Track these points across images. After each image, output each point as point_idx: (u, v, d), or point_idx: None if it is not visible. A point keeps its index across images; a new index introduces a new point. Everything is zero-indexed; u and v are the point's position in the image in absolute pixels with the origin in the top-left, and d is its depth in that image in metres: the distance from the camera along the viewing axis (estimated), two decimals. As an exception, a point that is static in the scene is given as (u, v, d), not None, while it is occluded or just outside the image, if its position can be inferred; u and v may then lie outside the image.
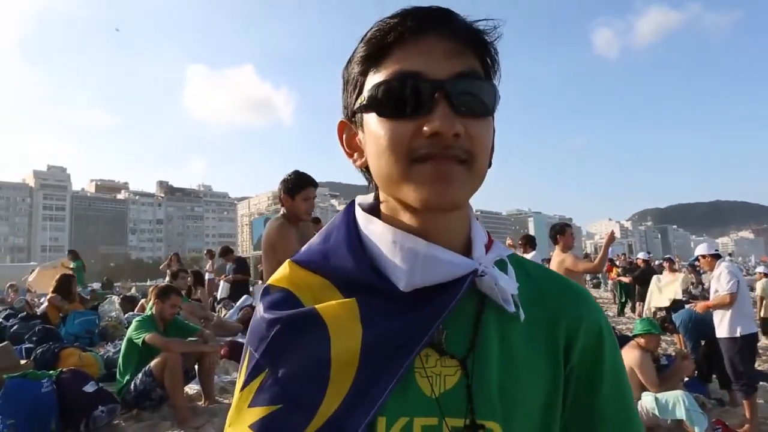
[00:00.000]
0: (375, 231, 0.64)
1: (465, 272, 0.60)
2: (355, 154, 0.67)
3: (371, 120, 0.60)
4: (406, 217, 0.62)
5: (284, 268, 0.69)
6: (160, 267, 13.27)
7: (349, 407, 0.56)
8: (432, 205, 0.58)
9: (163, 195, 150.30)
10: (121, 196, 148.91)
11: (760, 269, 10.17)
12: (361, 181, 0.70)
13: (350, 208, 0.70)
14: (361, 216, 0.67)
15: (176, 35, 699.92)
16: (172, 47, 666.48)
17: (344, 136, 0.68)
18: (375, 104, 0.59)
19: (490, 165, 0.64)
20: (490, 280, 0.61)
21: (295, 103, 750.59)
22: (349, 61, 0.64)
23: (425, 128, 0.56)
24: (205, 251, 14.34)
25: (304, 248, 0.70)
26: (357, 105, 0.62)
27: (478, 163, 0.59)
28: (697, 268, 10.61)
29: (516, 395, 0.59)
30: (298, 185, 3.39)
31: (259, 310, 0.66)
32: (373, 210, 0.67)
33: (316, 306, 0.62)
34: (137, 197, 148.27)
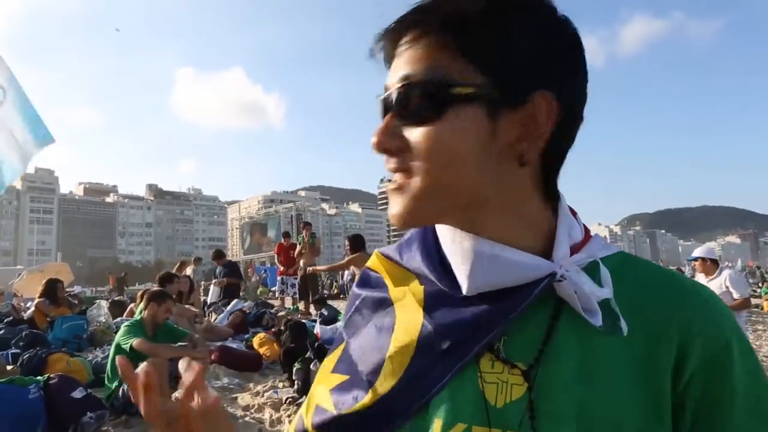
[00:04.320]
0: (440, 228, 0.62)
1: (539, 275, 0.54)
2: None
3: None
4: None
5: (374, 256, 0.72)
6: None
7: (400, 391, 0.58)
8: (393, 222, 0.58)
9: (152, 198, 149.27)
10: (109, 199, 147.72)
11: None
12: (352, 185, 0.70)
13: None
14: None
15: (166, 37, 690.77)
16: (162, 49, 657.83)
17: None
18: None
19: (549, 163, 0.56)
20: (569, 285, 0.53)
21: (286, 106, 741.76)
22: None
23: None
24: (194, 259, 14.23)
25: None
26: None
27: (418, 176, 0.53)
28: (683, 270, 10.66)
29: (598, 418, 0.51)
30: None
31: (356, 282, 0.73)
32: None
33: (390, 291, 0.66)
34: (126, 200, 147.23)
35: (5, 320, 8.30)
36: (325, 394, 0.65)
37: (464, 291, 0.56)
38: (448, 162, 0.52)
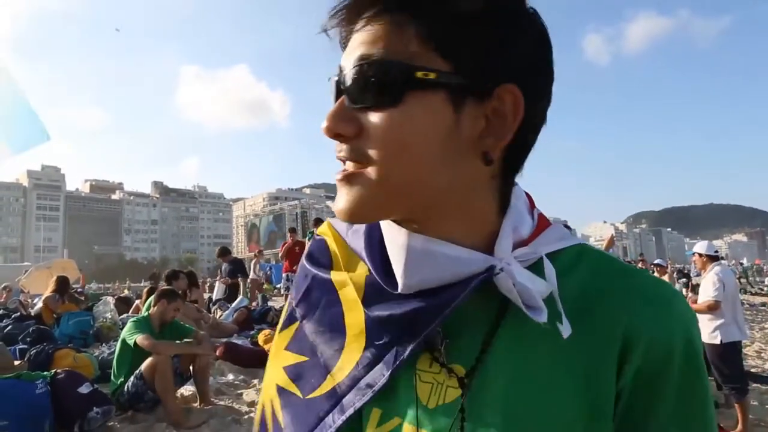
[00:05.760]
0: (383, 224, 0.57)
1: (476, 269, 0.50)
2: None
3: None
4: None
5: (326, 224, 0.69)
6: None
7: (352, 381, 0.57)
8: (339, 217, 0.51)
9: (157, 195, 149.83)
10: (115, 196, 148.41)
11: None
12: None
13: None
14: None
15: (170, 35, 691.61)
16: (166, 47, 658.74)
17: None
18: None
19: (509, 161, 0.51)
20: (507, 279, 0.48)
21: (291, 104, 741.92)
22: None
23: None
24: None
25: None
26: None
27: (378, 166, 0.47)
28: (686, 271, 10.63)
29: (530, 426, 0.48)
30: None
31: (304, 255, 0.68)
32: None
33: (332, 275, 0.62)
34: (132, 197, 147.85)
35: (13, 316, 8.39)
36: (281, 374, 0.63)
37: (399, 289, 0.52)
38: (404, 152, 0.47)
